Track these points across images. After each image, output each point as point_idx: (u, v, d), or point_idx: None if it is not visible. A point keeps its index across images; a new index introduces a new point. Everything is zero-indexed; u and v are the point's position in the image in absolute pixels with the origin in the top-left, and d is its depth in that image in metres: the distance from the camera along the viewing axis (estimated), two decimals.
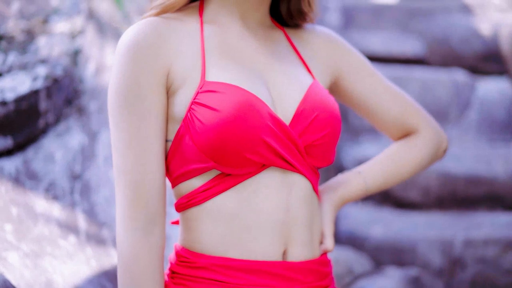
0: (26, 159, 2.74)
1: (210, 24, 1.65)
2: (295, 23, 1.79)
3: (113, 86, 1.56)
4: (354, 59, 1.83)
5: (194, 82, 1.55)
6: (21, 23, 3.51)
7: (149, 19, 1.60)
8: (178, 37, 1.59)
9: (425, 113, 1.91)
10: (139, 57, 1.53)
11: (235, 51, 1.63)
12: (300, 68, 1.71)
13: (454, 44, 4.80)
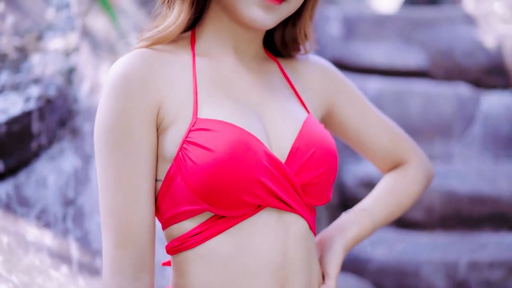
0: (18, 184, 2.68)
1: (203, 57, 1.58)
2: (289, 53, 1.74)
3: (100, 122, 1.49)
4: (347, 90, 1.80)
5: (186, 119, 1.49)
6: (14, 40, 3.44)
7: (139, 50, 1.53)
8: (169, 70, 1.52)
9: (413, 142, 1.90)
10: (128, 92, 1.46)
11: (228, 85, 1.57)
12: (294, 102, 1.66)
13: (458, 56, 4.73)
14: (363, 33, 5.33)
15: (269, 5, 1.50)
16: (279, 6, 1.51)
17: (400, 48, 5.13)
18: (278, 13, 1.53)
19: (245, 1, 1.50)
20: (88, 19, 3.09)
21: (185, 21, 1.55)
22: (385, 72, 4.97)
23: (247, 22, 1.52)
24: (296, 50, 1.73)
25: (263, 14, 1.51)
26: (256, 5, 1.50)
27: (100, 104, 1.49)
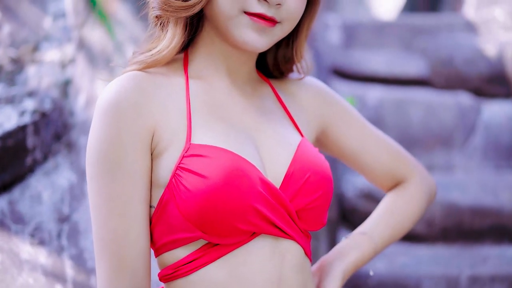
0: (12, 200, 2.64)
1: (196, 80, 1.56)
2: (281, 74, 1.71)
3: (93, 147, 1.46)
4: (341, 110, 1.77)
5: (179, 144, 1.46)
6: (10, 51, 3.41)
7: (131, 73, 1.51)
8: (163, 94, 1.50)
9: (413, 159, 1.87)
10: (121, 117, 1.44)
11: (222, 109, 1.54)
12: (288, 125, 1.64)
13: (458, 65, 4.70)
14: (363, 40, 5.31)
15: (262, 28, 1.48)
16: (272, 29, 1.49)
17: (400, 56, 5.10)
18: (271, 36, 1.51)
19: (237, 24, 1.48)
20: (84, 31, 3.06)
21: (179, 44, 1.53)
22: (385, 80, 4.94)
23: (240, 45, 1.50)
24: (289, 71, 1.71)
25: (256, 36, 1.49)
26: (249, 27, 1.48)
27: (92, 128, 1.46)
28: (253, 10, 1.46)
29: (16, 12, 4.13)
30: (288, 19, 1.51)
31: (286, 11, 1.49)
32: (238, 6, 1.47)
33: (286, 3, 1.49)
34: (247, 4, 1.47)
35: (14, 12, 4.13)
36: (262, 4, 1.46)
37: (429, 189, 1.86)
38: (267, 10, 1.47)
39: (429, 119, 4.44)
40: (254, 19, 1.47)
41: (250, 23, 1.47)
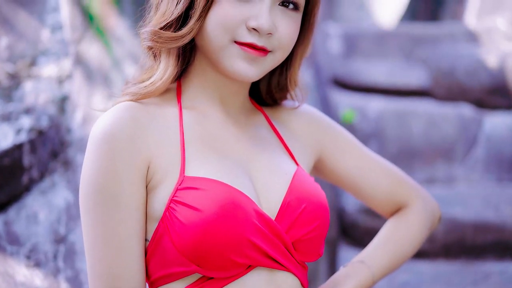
0: (8, 220, 2.61)
1: (190, 110, 1.55)
2: (274, 102, 1.70)
3: (88, 180, 1.44)
4: (337, 137, 1.76)
5: (173, 177, 1.45)
6: (7, 67, 3.38)
7: (126, 104, 1.49)
8: (157, 125, 1.49)
9: (414, 183, 1.83)
10: (117, 148, 1.42)
11: (216, 140, 1.53)
12: (283, 154, 1.63)
13: (460, 76, 4.67)
14: (364, 50, 5.28)
15: (252, 58, 1.47)
16: (264, 58, 1.48)
17: (401, 66, 5.08)
18: (262, 66, 1.49)
19: (228, 54, 1.47)
20: (81, 46, 3.04)
21: (172, 76, 1.52)
22: (386, 91, 4.91)
23: (231, 75, 1.49)
24: (283, 99, 1.70)
25: (247, 66, 1.47)
26: (240, 57, 1.47)
27: (86, 159, 1.44)
28: (244, 40, 1.46)
29: (13, 24, 4.11)
30: (280, 48, 1.50)
31: (277, 40, 1.48)
32: (228, 36, 1.46)
33: (278, 32, 1.48)
34: (237, 34, 1.46)
35: (11, 24, 4.11)
36: (252, 34, 1.46)
37: (431, 214, 1.82)
38: (257, 39, 1.46)
39: (430, 131, 4.41)
40: (244, 49, 1.46)
41: (240, 53, 1.46)
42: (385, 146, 4.38)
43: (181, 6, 1.47)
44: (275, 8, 1.48)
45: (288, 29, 1.49)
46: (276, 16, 1.48)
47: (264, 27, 1.44)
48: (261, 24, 1.44)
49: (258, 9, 1.45)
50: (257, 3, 1.46)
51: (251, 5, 1.46)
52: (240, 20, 1.45)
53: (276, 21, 1.48)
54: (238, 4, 1.46)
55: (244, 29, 1.46)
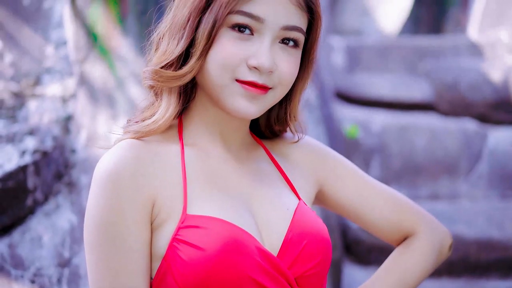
0: (12, 243, 2.61)
1: (191, 147, 1.56)
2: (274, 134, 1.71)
3: (92, 218, 1.45)
4: (337, 166, 1.75)
5: (175, 215, 1.45)
6: (11, 85, 3.39)
7: (129, 142, 1.50)
8: (160, 163, 1.49)
9: (421, 211, 1.81)
10: (122, 187, 1.43)
11: (218, 177, 1.54)
12: (284, 188, 1.63)
13: (463, 90, 4.66)
14: (367, 63, 5.28)
15: (254, 96, 1.48)
16: (264, 95, 1.49)
17: (405, 79, 5.07)
18: (263, 102, 1.50)
19: (229, 92, 1.48)
20: (85, 66, 3.04)
21: (173, 114, 1.53)
22: (389, 104, 4.90)
23: (232, 113, 1.50)
24: (282, 132, 1.70)
25: (247, 104, 1.48)
26: (241, 95, 1.48)
27: (91, 198, 1.45)
28: (245, 78, 1.46)
29: (18, 40, 4.11)
30: (281, 84, 1.51)
31: (278, 77, 1.49)
32: (229, 75, 1.47)
33: (278, 69, 1.49)
34: (238, 72, 1.47)
35: (16, 40, 4.11)
36: (253, 72, 1.46)
37: (439, 243, 1.79)
38: (258, 77, 1.47)
39: (433, 146, 4.40)
40: (245, 87, 1.47)
41: (242, 91, 1.47)
42: (388, 162, 4.38)
43: (182, 45, 1.48)
44: (275, 45, 1.49)
45: (288, 66, 1.50)
46: (276, 54, 1.48)
47: (265, 66, 1.45)
48: (261, 63, 1.45)
49: (259, 48, 1.46)
50: (257, 41, 1.47)
51: (251, 43, 1.47)
52: (241, 59, 1.46)
53: (277, 58, 1.48)
54: (238, 42, 1.46)
55: (245, 67, 1.46)
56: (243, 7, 1.45)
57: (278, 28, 1.47)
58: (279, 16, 1.47)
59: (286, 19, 1.48)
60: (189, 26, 1.48)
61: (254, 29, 1.47)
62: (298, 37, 1.51)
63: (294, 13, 1.49)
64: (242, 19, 1.46)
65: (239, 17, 1.45)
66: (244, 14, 1.45)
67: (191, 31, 1.48)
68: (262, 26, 1.46)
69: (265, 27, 1.46)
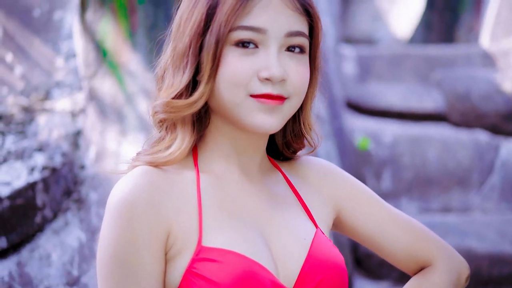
0: (21, 261, 2.60)
1: (207, 174, 1.51)
2: (292, 153, 1.65)
3: (106, 248, 1.41)
4: (356, 193, 1.71)
5: (191, 246, 1.41)
6: (21, 100, 3.38)
7: (143, 169, 1.45)
8: (176, 191, 1.45)
9: (439, 240, 1.75)
10: (137, 218, 1.39)
11: (234, 205, 1.50)
12: (302, 215, 1.59)
13: (475, 100, 4.62)
14: (379, 72, 5.25)
15: (271, 108, 1.44)
16: (281, 106, 1.45)
17: (416, 89, 5.03)
18: (281, 114, 1.46)
19: (246, 109, 1.44)
20: (95, 82, 3.03)
21: (190, 145, 1.49)
22: (401, 115, 4.86)
23: (252, 130, 1.46)
24: (300, 147, 1.64)
25: (267, 118, 1.44)
26: (258, 110, 1.44)
27: (104, 226, 1.42)
28: (259, 91, 1.43)
29: (28, 52, 4.11)
30: (295, 93, 1.46)
31: (291, 85, 1.45)
32: (243, 92, 1.43)
33: (290, 78, 1.45)
34: (251, 87, 1.43)
35: (26, 53, 4.11)
36: (266, 84, 1.43)
37: (457, 274, 1.73)
38: (272, 88, 1.43)
39: (445, 158, 4.37)
40: (261, 100, 1.43)
41: (258, 106, 1.43)
42: (400, 174, 4.35)
43: (188, 73, 1.45)
44: (282, 54, 1.45)
45: (299, 73, 1.46)
46: (285, 62, 1.45)
47: (276, 75, 1.42)
48: (272, 73, 1.42)
49: (266, 59, 1.43)
50: (263, 53, 1.44)
51: (258, 56, 1.43)
52: (251, 73, 1.43)
53: (286, 66, 1.45)
54: (245, 58, 1.43)
55: (256, 81, 1.43)
56: (243, 22, 1.43)
57: (282, 36, 1.44)
58: (281, 23, 1.44)
59: (288, 25, 1.45)
60: (191, 53, 1.45)
61: (258, 41, 1.43)
62: (303, 42, 1.47)
63: (295, 19, 1.46)
64: (244, 34, 1.43)
65: (241, 32, 1.43)
66: (245, 28, 1.42)
67: (194, 58, 1.45)
68: (265, 37, 1.43)
69: (269, 37, 1.43)
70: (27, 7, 4.23)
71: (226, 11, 1.42)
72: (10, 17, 4.23)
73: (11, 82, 3.99)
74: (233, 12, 1.41)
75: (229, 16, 1.41)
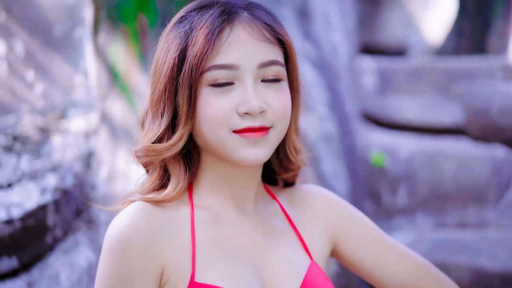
0: (31, 281, 2.67)
1: (202, 210, 1.54)
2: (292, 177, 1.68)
3: (101, 284, 1.46)
4: (354, 224, 1.72)
5: (184, 283, 1.45)
6: (37, 120, 3.46)
7: (140, 205, 1.48)
8: (171, 229, 1.49)
9: (440, 276, 1.74)
10: (132, 255, 1.43)
11: (228, 241, 1.53)
12: (297, 247, 1.61)
13: (494, 115, 4.59)
14: (399, 86, 5.23)
15: (256, 140, 1.47)
16: (267, 136, 1.48)
17: (436, 102, 5.01)
18: (268, 144, 1.49)
19: (231, 145, 1.47)
20: (107, 103, 3.10)
21: (185, 185, 1.52)
22: (418, 129, 4.85)
23: (242, 164, 1.49)
24: (294, 170, 1.66)
25: (254, 151, 1.47)
26: (244, 145, 1.47)
27: (101, 263, 1.46)
28: (241, 126, 1.46)
29: (48, 69, 4.19)
30: (279, 120, 1.50)
31: (273, 114, 1.48)
32: (225, 129, 1.47)
33: (270, 107, 1.48)
34: (232, 123, 1.46)
35: (46, 70, 4.19)
36: (246, 118, 1.46)
37: None
38: (253, 121, 1.46)
39: (462, 173, 4.35)
40: (245, 135, 1.46)
41: (243, 140, 1.46)
42: (415, 189, 4.34)
43: (165, 118, 1.49)
44: (259, 85, 1.48)
45: (279, 100, 1.49)
46: (263, 92, 1.48)
47: (255, 108, 1.44)
48: (251, 106, 1.44)
49: (243, 94, 1.46)
50: (240, 88, 1.47)
51: (234, 91, 1.47)
52: (230, 110, 1.46)
53: (265, 97, 1.48)
54: (222, 96, 1.46)
55: (236, 117, 1.46)
56: (214, 62, 1.46)
57: (255, 68, 1.47)
58: (252, 56, 1.47)
59: (259, 57, 1.47)
60: (167, 97, 1.48)
61: (233, 77, 1.46)
62: (277, 70, 1.50)
63: (266, 49, 1.49)
64: (217, 73, 1.46)
65: (214, 72, 1.46)
66: (217, 67, 1.45)
67: (170, 102, 1.48)
68: (238, 72, 1.46)
69: (242, 71, 1.46)
70: (49, 25, 4.32)
71: (196, 53, 1.45)
72: (32, 35, 4.32)
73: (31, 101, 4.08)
74: (203, 54, 1.45)
75: (199, 58, 1.45)
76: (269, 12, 1.55)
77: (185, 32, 1.48)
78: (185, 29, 1.48)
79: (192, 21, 1.49)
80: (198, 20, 1.48)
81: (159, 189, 1.54)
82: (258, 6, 1.54)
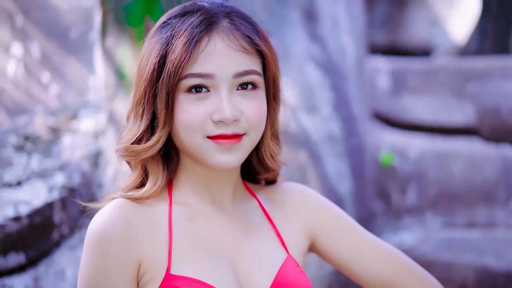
0: (37, 276, 2.75)
1: (181, 206, 1.59)
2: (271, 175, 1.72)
3: (83, 277, 1.51)
4: (332, 220, 1.74)
5: (159, 275, 1.50)
6: (49, 120, 3.55)
7: (118, 202, 1.54)
8: (148, 224, 1.54)
9: (420, 272, 1.76)
10: (110, 250, 1.48)
11: (204, 237, 1.57)
12: (274, 242, 1.65)
13: (505, 115, 4.58)
14: (413, 86, 5.22)
15: (228, 147, 1.51)
16: (240, 143, 1.53)
17: (449, 103, 5.00)
18: (241, 150, 1.54)
19: (205, 150, 1.52)
20: (114, 104, 3.17)
21: (162, 183, 1.57)
22: (430, 129, 4.85)
23: (215, 168, 1.54)
24: (276, 170, 1.70)
25: (226, 156, 1.52)
26: (217, 150, 1.52)
27: (83, 257, 1.51)
28: (214, 133, 1.50)
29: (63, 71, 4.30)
30: (252, 127, 1.54)
31: (247, 121, 1.52)
32: (199, 134, 1.51)
33: (244, 115, 1.52)
34: (206, 130, 1.51)
35: (61, 72, 4.30)
36: (220, 125, 1.50)
37: None
38: (226, 129, 1.50)
39: (471, 173, 4.35)
40: (218, 141, 1.51)
41: (216, 147, 1.51)
42: (424, 189, 4.36)
43: (145, 120, 1.53)
44: (234, 94, 1.52)
45: (253, 109, 1.53)
46: (238, 101, 1.52)
47: (228, 117, 1.48)
48: (223, 115, 1.48)
49: (218, 102, 1.50)
50: (215, 96, 1.51)
51: (210, 99, 1.51)
52: (205, 117, 1.50)
53: (240, 105, 1.52)
54: (198, 103, 1.50)
55: (210, 124, 1.50)
56: (191, 70, 1.50)
57: (230, 78, 1.50)
58: (227, 66, 1.50)
59: (235, 67, 1.51)
60: (147, 101, 1.53)
61: (209, 85, 1.50)
62: (253, 79, 1.54)
63: (242, 59, 1.52)
64: (193, 81, 1.50)
65: (190, 79, 1.50)
66: (194, 76, 1.50)
67: (149, 106, 1.53)
68: (214, 81, 1.50)
69: (218, 81, 1.50)
70: (65, 28, 4.42)
71: (174, 61, 1.49)
72: (48, 38, 4.43)
73: (46, 102, 4.19)
74: (180, 62, 1.49)
75: (177, 66, 1.49)
76: (250, 20, 1.58)
77: (166, 38, 1.52)
78: (166, 36, 1.53)
79: (173, 28, 1.53)
80: (178, 28, 1.52)
81: (139, 186, 1.59)
82: (239, 14, 1.58)
